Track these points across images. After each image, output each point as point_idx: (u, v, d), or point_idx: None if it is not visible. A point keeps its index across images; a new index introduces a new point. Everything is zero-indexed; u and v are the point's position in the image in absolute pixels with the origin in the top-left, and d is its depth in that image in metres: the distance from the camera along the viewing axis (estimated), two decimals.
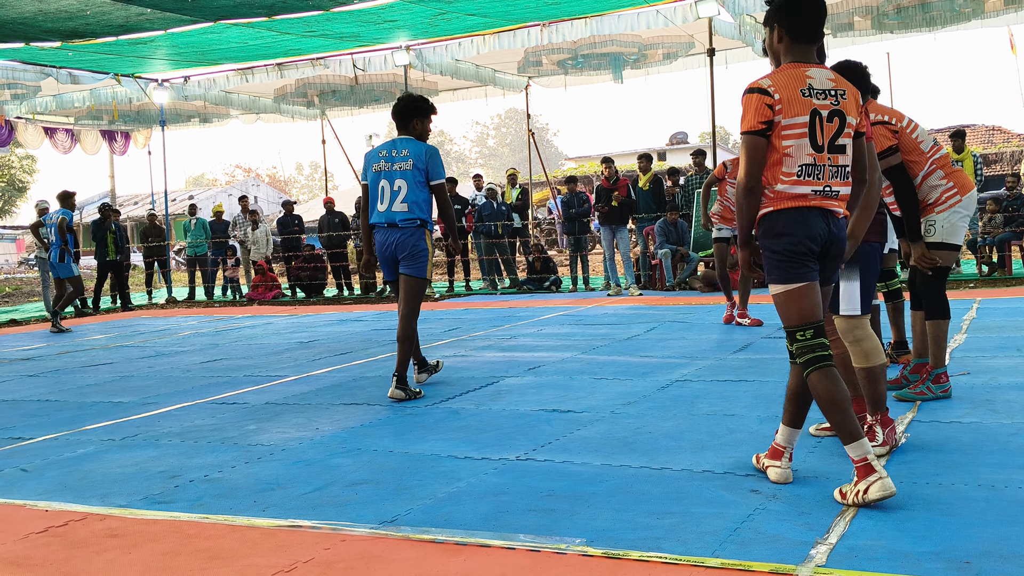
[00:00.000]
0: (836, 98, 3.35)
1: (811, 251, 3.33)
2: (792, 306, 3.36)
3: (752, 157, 3.33)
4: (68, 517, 3.71)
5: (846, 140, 3.38)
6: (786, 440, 3.63)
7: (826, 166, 3.33)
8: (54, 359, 9.51)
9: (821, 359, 3.33)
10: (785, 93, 3.30)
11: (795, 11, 3.40)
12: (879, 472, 3.21)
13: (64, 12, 11.17)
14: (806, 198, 3.32)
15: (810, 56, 3.44)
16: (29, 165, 48.15)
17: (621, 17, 13.62)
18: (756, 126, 3.31)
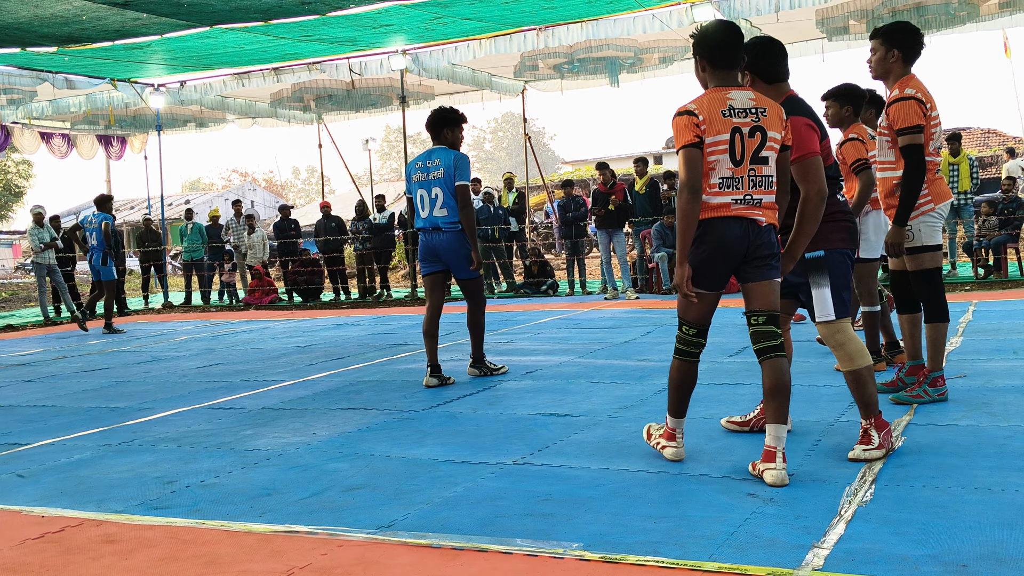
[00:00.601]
0: (757, 115, 3.73)
1: (727, 259, 3.74)
2: (691, 307, 3.88)
3: (691, 166, 3.70)
4: (64, 523, 3.71)
5: (769, 152, 3.75)
6: (775, 439, 3.68)
7: (745, 177, 3.71)
8: (50, 364, 9.49)
9: (691, 353, 3.96)
10: (708, 114, 3.70)
11: (711, 43, 3.81)
12: (677, 444, 4.05)
13: (60, 17, 11.17)
14: (728, 207, 3.71)
15: (732, 80, 3.82)
16: (25, 170, 48.12)
17: (617, 21, 13.63)
18: (691, 140, 3.70)
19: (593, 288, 15.41)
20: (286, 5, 11.22)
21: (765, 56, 4.13)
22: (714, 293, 3.84)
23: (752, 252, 3.74)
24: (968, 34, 14.54)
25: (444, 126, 6.59)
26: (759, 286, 3.77)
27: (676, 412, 4.06)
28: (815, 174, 3.91)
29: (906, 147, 4.68)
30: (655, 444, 4.15)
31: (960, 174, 12.87)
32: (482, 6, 12.13)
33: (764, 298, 3.78)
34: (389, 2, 11.51)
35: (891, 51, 4.81)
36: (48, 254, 15.34)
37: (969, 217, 13.18)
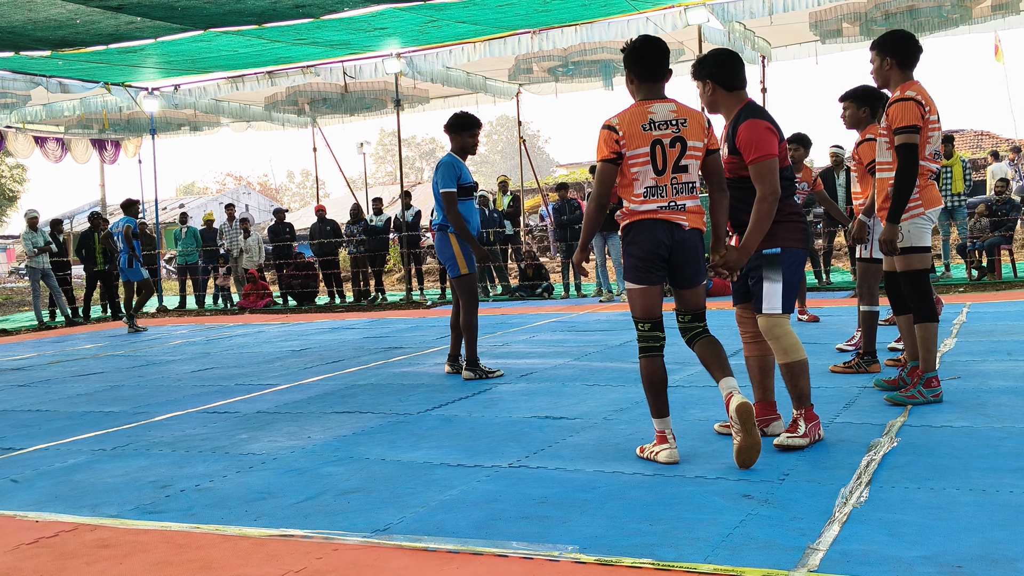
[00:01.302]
0: (677, 127, 4.00)
1: (658, 257, 4.04)
2: (638, 302, 4.13)
3: (601, 180, 4.07)
4: (59, 528, 3.70)
5: (690, 161, 4.03)
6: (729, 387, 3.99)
7: (668, 186, 4.01)
8: (44, 369, 9.47)
9: (652, 349, 4.15)
10: (628, 129, 3.99)
11: (638, 58, 4.08)
12: (671, 444, 4.09)
13: (54, 21, 11.15)
14: (654, 212, 4.01)
15: (657, 92, 4.08)
16: (19, 174, 48.00)
17: (611, 24, 13.65)
18: (608, 156, 4.02)
19: (588, 291, 15.42)
20: (280, 8, 11.22)
21: (725, 66, 4.31)
22: (655, 287, 4.10)
23: (677, 253, 4.05)
24: (961, 36, 14.56)
25: (449, 132, 6.89)
26: (688, 292, 4.16)
27: (658, 412, 4.13)
28: (771, 175, 4.11)
29: (901, 146, 4.75)
30: (649, 455, 4.16)
31: (953, 176, 12.89)
32: (476, 9, 12.14)
33: (692, 300, 4.18)
34: (383, 5, 11.51)
35: (885, 60, 4.98)
36: (42, 258, 15.31)
37: (962, 219, 13.21)
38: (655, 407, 4.13)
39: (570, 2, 12.27)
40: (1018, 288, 11.82)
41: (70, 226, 38.40)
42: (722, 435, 4.60)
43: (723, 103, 4.30)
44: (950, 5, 13.14)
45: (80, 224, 37.20)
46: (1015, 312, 9.10)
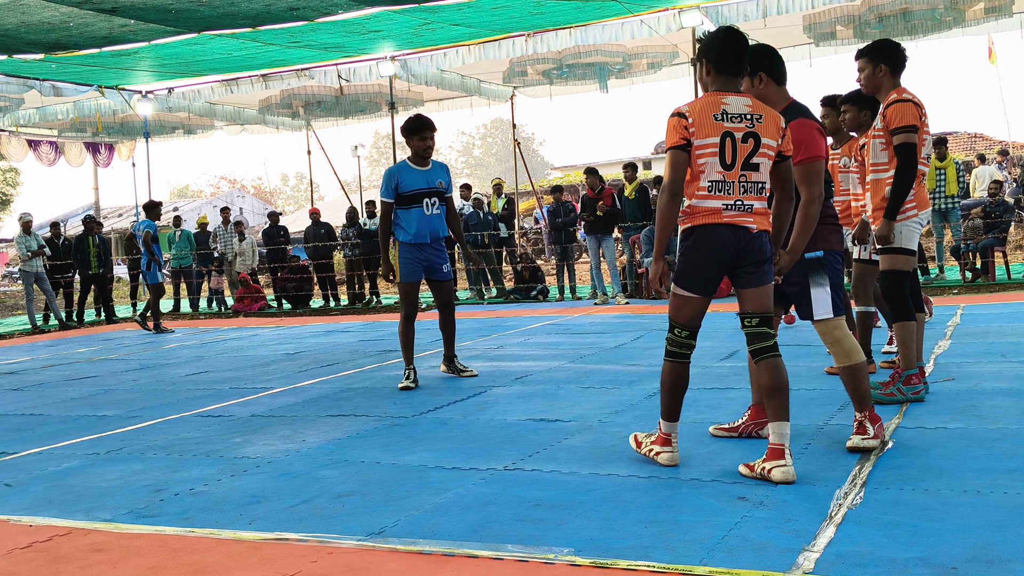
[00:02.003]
0: (752, 121, 3.74)
1: (720, 267, 3.79)
2: (683, 309, 3.92)
3: (675, 168, 3.76)
4: (52, 532, 3.68)
5: (761, 159, 3.76)
6: (779, 436, 3.75)
7: (736, 183, 3.74)
8: (38, 373, 9.45)
9: (682, 355, 3.97)
10: (699, 117, 3.73)
11: (718, 49, 3.82)
12: (672, 447, 4.02)
13: (47, 24, 11.14)
14: (719, 214, 3.75)
15: (733, 86, 3.82)
16: (13, 178, 47.89)
17: (605, 27, 13.67)
18: (677, 142, 3.74)
19: (583, 293, 15.42)
20: (274, 11, 11.22)
21: (776, 60, 4.25)
22: (705, 300, 3.88)
23: (744, 258, 3.77)
24: (954, 39, 14.61)
25: (404, 137, 6.85)
26: (753, 291, 3.83)
27: (669, 415, 4.03)
28: (818, 177, 4.02)
29: (901, 145, 4.79)
30: (647, 452, 4.12)
31: (947, 178, 12.93)
32: (470, 12, 12.16)
33: (757, 301, 3.84)
34: (377, 8, 11.52)
35: (879, 67, 5.05)
36: (36, 262, 15.29)
37: (956, 221, 13.25)
38: (668, 409, 4.03)
39: (564, 5, 12.29)
40: (1012, 290, 11.85)
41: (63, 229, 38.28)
42: (717, 438, 4.60)
43: (773, 98, 4.16)
44: (943, 8, 13.19)
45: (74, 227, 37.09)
46: (1009, 314, 9.12)
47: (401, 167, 6.79)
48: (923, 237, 15.86)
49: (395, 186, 6.69)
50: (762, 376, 3.82)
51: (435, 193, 6.79)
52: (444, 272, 7.00)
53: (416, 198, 6.72)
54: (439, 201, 6.82)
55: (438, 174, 6.85)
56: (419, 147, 6.72)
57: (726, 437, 4.58)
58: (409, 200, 6.70)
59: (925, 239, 15.82)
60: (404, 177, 6.72)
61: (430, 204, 6.75)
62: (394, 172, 6.76)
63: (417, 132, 6.70)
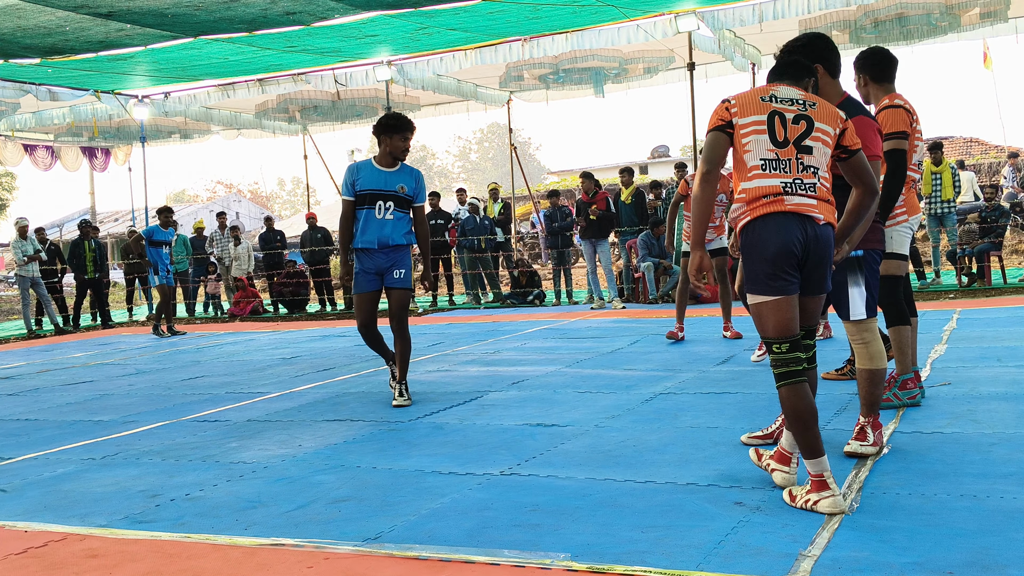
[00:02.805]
0: (804, 106, 3.50)
1: (791, 258, 3.39)
2: (768, 318, 3.44)
3: (711, 147, 3.53)
4: (48, 537, 3.67)
5: (815, 143, 3.47)
6: (790, 444, 3.66)
7: (792, 160, 3.43)
8: (34, 378, 9.43)
9: (794, 374, 3.41)
10: (743, 100, 3.52)
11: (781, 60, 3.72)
12: (833, 490, 3.36)
13: (43, 28, 11.13)
14: (780, 200, 3.39)
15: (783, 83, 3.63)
16: (8, 182, 47.86)
17: (602, 32, 13.69)
18: (716, 124, 3.53)
19: (580, 298, 15.42)
20: (271, 16, 11.22)
21: (833, 51, 4.24)
22: (790, 298, 3.42)
23: (810, 253, 3.42)
24: (950, 44, 14.66)
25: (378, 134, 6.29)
26: (809, 300, 3.54)
27: (811, 451, 3.39)
28: (875, 174, 3.96)
29: (890, 151, 4.79)
30: (804, 504, 3.43)
31: (943, 183, 12.95)
32: (467, 16, 12.16)
33: (809, 313, 3.55)
34: (374, 13, 11.52)
35: (860, 76, 5.09)
36: (32, 266, 15.28)
37: (952, 225, 13.27)
38: (807, 445, 3.39)
39: (560, 10, 12.31)
40: (1008, 294, 11.87)
41: (59, 234, 38.25)
42: (718, 442, 4.59)
43: (827, 91, 4.11)
44: (939, 13, 13.23)
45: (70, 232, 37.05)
46: (1005, 318, 9.13)
47: (363, 165, 6.27)
48: (920, 242, 15.90)
49: (352, 184, 6.18)
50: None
51: (393, 197, 6.18)
52: (396, 278, 6.28)
53: (369, 199, 6.15)
54: (396, 207, 6.19)
55: (402, 178, 6.23)
56: (399, 147, 6.19)
57: (760, 444, 4.44)
58: (362, 200, 6.15)
59: (921, 243, 15.85)
60: (363, 175, 6.20)
61: (383, 208, 6.14)
62: (354, 169, 6.25)
63: (398, 131, 6.17)
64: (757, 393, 5.86)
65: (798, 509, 3.41)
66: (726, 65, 15.78)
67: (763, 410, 5.32)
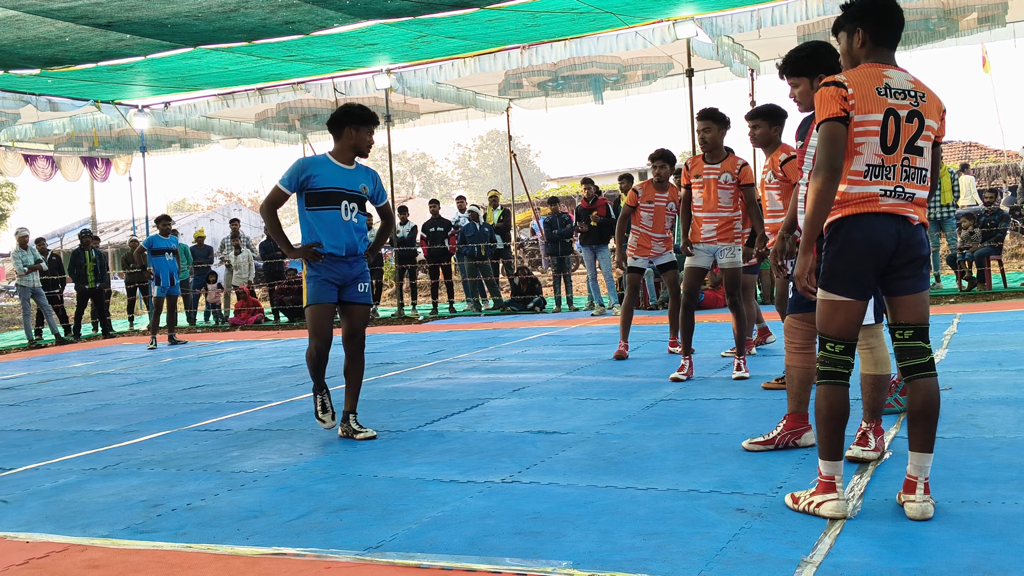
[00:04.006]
0: (916, 99, 3.30)
1: (878, 262, 3.26)
2: (836, 318, 3.33)
3: (833, 143, 3.24)
4: (49, 548, 3.67)
5: (925, 143, 3.32)
6: (917, 468, 3.36)
7: (897, 166, 3.26)
8: (35, 388, 9.43)
9: (838, 375, 3.35)
10: (860, 89, 3.26)
11: (881, 15, 3.37)
12: (838, 494, 3.36)
13: (43, 39, 11.15)
14: (875, 201, 3.24)
15: (890, 59, 3.40)
16: (9, 193, 47.88)
17: (600, 39, 13.70)
18: (837, 113, 3.24)
19: (580, 304, 15.42)
20: (270, 25, 11.24)
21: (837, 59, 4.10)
22: (861, 303, 3.32)
23: (902, 255, 3.27)
24: (948, 49, 14.70)
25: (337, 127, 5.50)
26: (909, 298, 3.34)
27: (830, 454, 3.37)
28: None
29: None
30: (806, 507, 3.42)
31: (942, 188, 12.96)
32: (465, 24, 12.18)
33: (914, 310, 3.34)
34: (373, 21, 11.54)
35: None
36: (32, 277, 15.28)
37: (952, 230, 13.28)
38: (828, 447, 3.36)
39: (559, 17, 12.33)
40: (1008, 299, 11.87)
41: (60, 244, 38.26)
42: (719, 448, 4.59)
43: None
44: (936, 18, 13.24)
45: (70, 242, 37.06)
46: (1005, 323, 9.13)
47: (320, 160, 5.47)
48: None
49: (304, 180, 5.36)
50: (914, 398, 3.34)
51: (356, 199, 5.50)
52: (361, 292, 5.56)
53: (333, 199, 5.38)
54: (358, 210, 5.52)
55: (362, 178, 5.55)
56: (363, 142, 5.47)
57: (761, 451, 4.44)
58: (322, 199, 5.36)
59: None
60: (321, 171, 5.39)
61: (348, 209, 5.43)
62: (308, 164, 5.43)
63: (365, 124, 5.44)
64: (758, 399, 5.86)
65: (800, 514, 3.40)
66: (724, 71, 15.80)
67: (764, 416, 5.32)
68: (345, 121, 5.43)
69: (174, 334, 14.12)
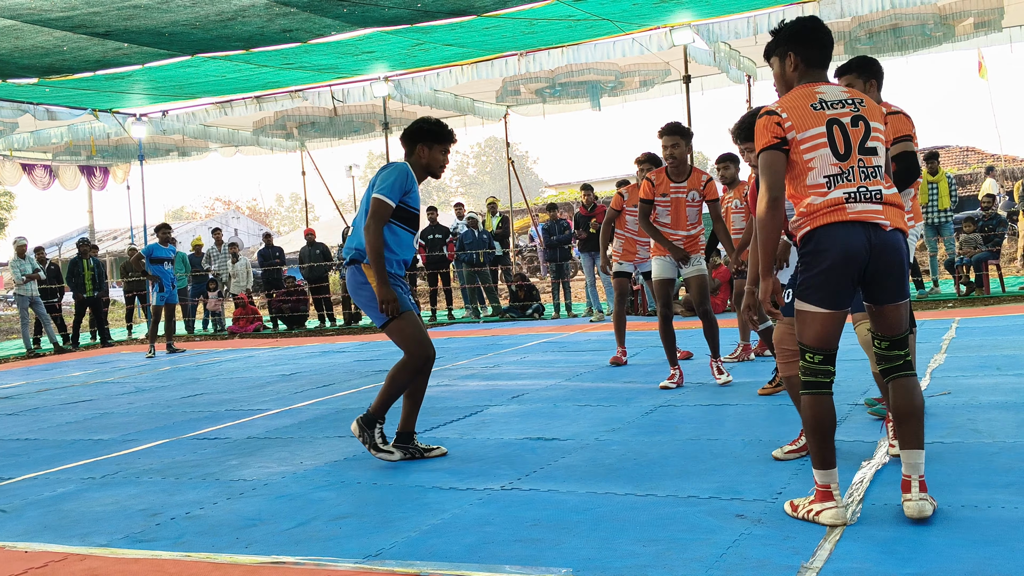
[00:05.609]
0: (855, 105, 3.37)
1: (851, 271, 3.26)
2: (810, 327, 3.34)
3: (771, 169, 3.33)
4: (48, 558, 3.66)
5: (876, 143, 3.36)
6: (910, 467, 3.36)
7: (855, 168, 3.30)
8: (33, 397, 9.41)
9: (820, 385, 3.36)
10: (794, 112, 3.34)
11: (808, 38, 3.47)
12: (836, 502, 3.36)
13: (41, 48, 11.16)
14: (842, 209, 3.26)
15: (822, 78, 3.48)
16: (7, 202, 47.89)
17: (597, 46, 13.74)
18: (770, 142, 3.34)
19: (579, 311, 15.42)
20: (268, 33, 11.26)
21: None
22: (839, 313, 3.32)
23: (878, 262, 3.27)
24: (944, 54, 14.74)
25: (414, 142, 4.94)
26: (887, 310, 3.35)
27: (823, 462, 3.37)
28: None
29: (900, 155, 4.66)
30: (805, 515, 3.42)
31: (939, 192, 12.97)
32: (463, 32, 12.20)
33: (888, 321, 3.36)
34: (370, 29, 11.57)
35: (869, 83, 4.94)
36: (30, 286, 15.28)
37: (950, 235, 13.29)
38: (820, 456, 3.37)
39: (556, 24, 12.35)
40: (1006, 303, 11.88)
41: (58, 253, 38.24)
42: (718, 453, 4.58)
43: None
44: (933, 23, 13.29)
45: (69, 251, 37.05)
46: (1004, 327, 9.14)
47: (411, 173, 4.86)
48: (917, 251, 15.91)
49: (404, 193, 4.80)
50: (894, 398, 3.36)
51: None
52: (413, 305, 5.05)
53: (414, 222, 4.91)
54: None
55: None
56: (437, 163, 4.94)
57: (796, 458, 4.35)
58: (408, 220, 4.84)
59: (919, 253, 15.86)
60: (414, 187, 4.86)
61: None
62: (408, 174, 4.81)
63: (439, 143, 4.93)
64: (757, 405, 5.86)
65: (799, 521, 3.40)
66: (721, 77, 15.84)
67: (762, 422, 5.32)
68: (418, 138, 4.91)
69: (172, 343, 14.11)
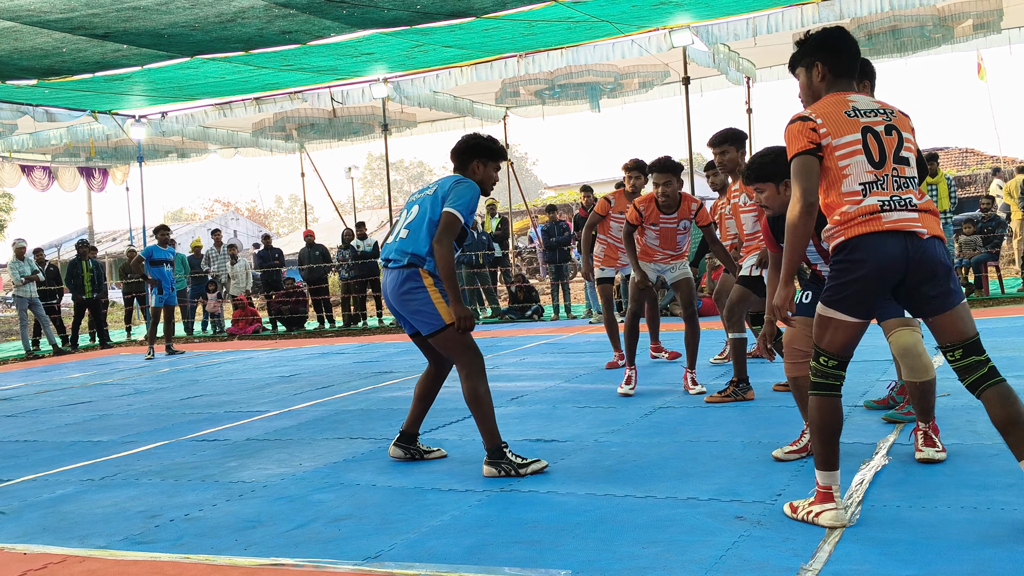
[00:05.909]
0: (887, 115, 3.34)
1: (885, 283, 3.21)
2: (834, 334, 3.29)
3: (806, 175, 3.26)
4: (47, 560, 3.66)
5: (909, 154, 3.32)
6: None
7: (889, 176, 3.25)
8: (32, 399, 9.41)
9: (830, 387, 3.34)
10: (828, 117, 3.29)
11: (837, 48, 3.44)
12: (836, 503, 3.35)
13: (40, 50, 11.16)
14: (879, 219, 3.18)
15: (850, 88, 3.45)
16: (6, 203, 47.86)
17: (597, 47, 13.74)
18: (805, 147, 3.27)
19: (578, 312, 15.42)
20: (267, 35, 11.25)
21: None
22: (863, 323, 3.27)
23: (916, 273, 3.19)
24: (944, 55, 14.76)
25: (467, 158, 4.80)
26: (944, 318, 3.24)
27: (826, 463, 3.35)
28: None
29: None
30: (806, 516, 3.40)
31: (939, 194, 12.99)
32: (462, 34, 12.20)
33: (952, 329, 3.25)
34: (370, 31, 11.57)
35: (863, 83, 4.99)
36: (30, 287, 15.28)
37: (949, 236, 13.31)
38: (824, 457, 3.35)
39: (555, 26, 12.35)
40: (1005, 304, 11.88)
41: (57, 254, 38.24)
42: (717, 455, 4.58)
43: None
44: (932, 25, 13.29)
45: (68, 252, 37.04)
46: (1003, 328, 9.14)
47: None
48: None
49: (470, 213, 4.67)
50: (991, 409, 3.19)
51: None
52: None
53: (462, 239, 4.72)
54: None
55: None
56: (490, 180, 4.82)
57: (796, 459, 4.36)
58: (461, 239, 4.70)
59: None
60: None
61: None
62: (479, 193, 4.72)
63: (493, 160, 4.81)
64: (756, 406, 5.86)
65: (799, 522, 3.40)
66: (721, 79, 15.85)
67: (762, 423, 5.32)
68: (475, 154, 4.76)
69: (171, 344, 14.10)
